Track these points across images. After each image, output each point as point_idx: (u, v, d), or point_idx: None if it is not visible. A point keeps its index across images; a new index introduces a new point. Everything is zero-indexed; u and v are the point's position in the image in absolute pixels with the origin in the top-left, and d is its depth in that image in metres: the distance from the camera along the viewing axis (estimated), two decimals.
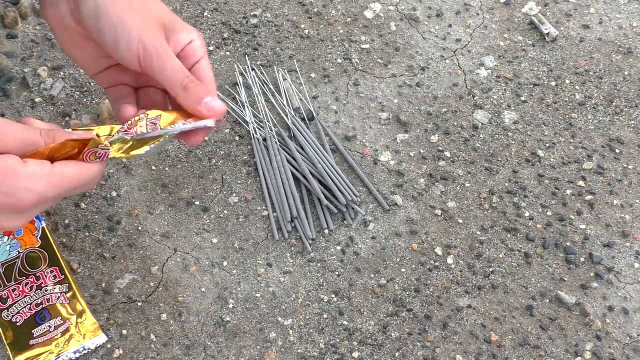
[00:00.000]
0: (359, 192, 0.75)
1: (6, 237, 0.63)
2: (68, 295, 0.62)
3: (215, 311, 0.67)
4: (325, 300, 0.69)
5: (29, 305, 0.60)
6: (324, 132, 0.79)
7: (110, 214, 0.72)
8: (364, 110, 0.82)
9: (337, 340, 0.66)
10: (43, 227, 0.63)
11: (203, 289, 0.69)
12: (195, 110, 0.49)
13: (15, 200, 0.43)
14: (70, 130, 0.47)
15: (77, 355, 0.62)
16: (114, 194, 0.74)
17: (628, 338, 0.67)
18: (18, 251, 0.62)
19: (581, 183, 0.77)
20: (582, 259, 0.72)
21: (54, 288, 0.60)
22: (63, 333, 0.62)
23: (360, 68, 0.86)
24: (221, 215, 0.73)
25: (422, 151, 0.79)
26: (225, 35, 0.88)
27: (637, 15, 0.93)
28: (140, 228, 0.72)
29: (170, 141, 0.76)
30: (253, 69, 0.84)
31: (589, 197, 0.76)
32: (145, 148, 0.49)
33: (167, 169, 0.76)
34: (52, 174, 0.44)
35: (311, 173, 0.74)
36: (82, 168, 0.46)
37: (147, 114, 0.49)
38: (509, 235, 0.73)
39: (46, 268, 0.62)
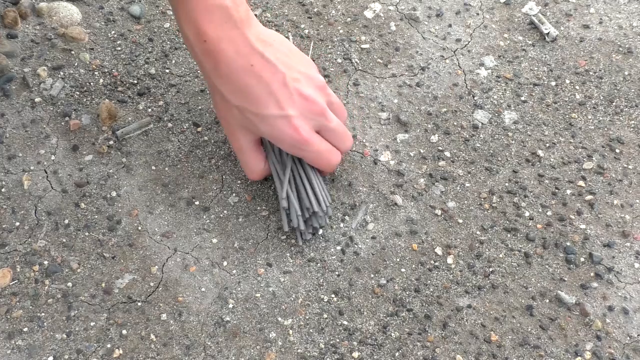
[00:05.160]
0: (358, 191, 0.75)
1: None
2: None
3: (215, 311, 0.67)
4: (325, 300, 0.69)
5: None
6: None
7: (110, 214, 0.72)
8: (364, 110, 0.82)
9: (337, 340, 0.66)
10: None
11: (203, 289, 0.69)
12: None
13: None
14: None
15: None
16: (114, 194, 0.74)
17: (628, 338, 0.67)
18: None
19: (581, 183, 0.78)
20: (582, 259, 0.72)
21: None
22: None
23: (360, 68, 0.86)
24: (221, 215, 0.73)
25: (422, 151, 0.79)
26: None
27: (637, 15, 0.93)
28: (140, 228, 0.72)
29: None
30: None
31: (589, 197, 0.76)
32: None
33: (167, 169, 0.76)
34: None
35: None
36: None
37: None
38: (509, 235, 0.73)
39: None
